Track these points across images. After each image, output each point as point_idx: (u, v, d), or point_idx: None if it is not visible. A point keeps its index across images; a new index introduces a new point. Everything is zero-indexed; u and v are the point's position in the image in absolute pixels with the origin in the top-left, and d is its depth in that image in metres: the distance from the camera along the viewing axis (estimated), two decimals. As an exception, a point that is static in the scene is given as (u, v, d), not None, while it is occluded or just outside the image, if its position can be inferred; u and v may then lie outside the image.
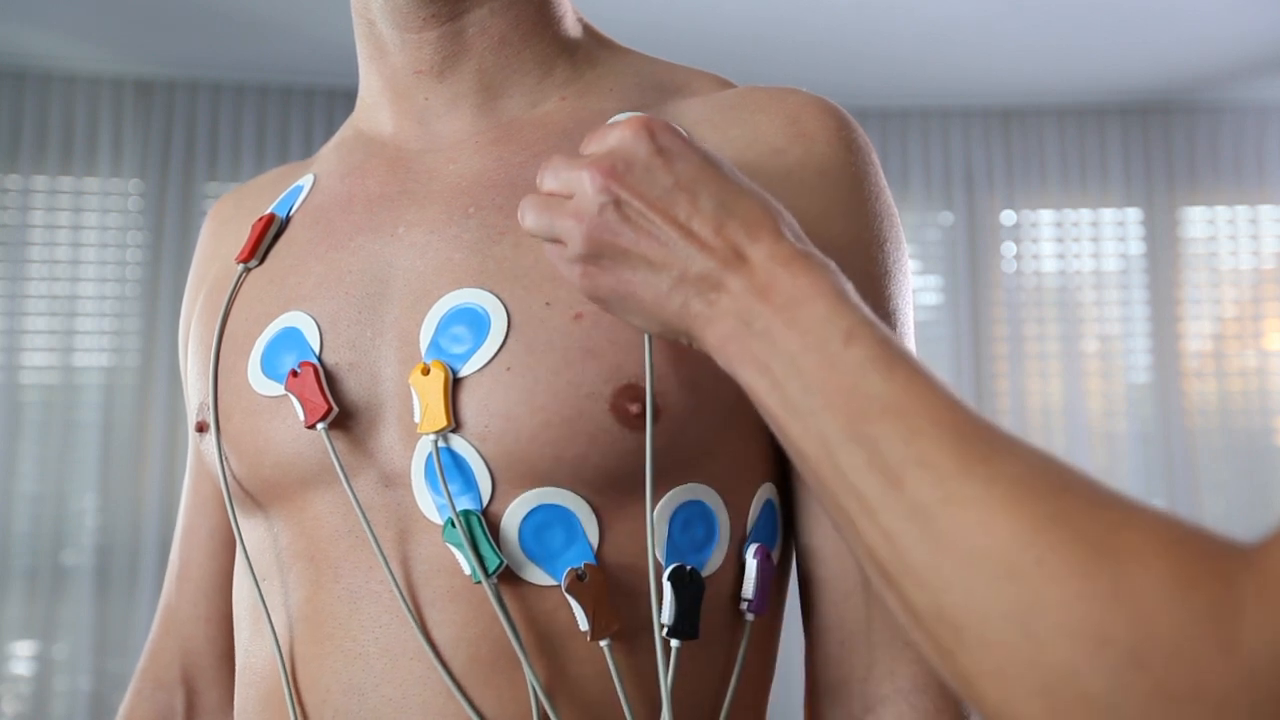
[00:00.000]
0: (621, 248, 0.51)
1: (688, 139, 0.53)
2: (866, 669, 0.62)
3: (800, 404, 0.46)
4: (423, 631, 0.57)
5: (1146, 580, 0.37)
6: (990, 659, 0.39)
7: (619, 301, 0.52)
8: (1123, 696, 0.36)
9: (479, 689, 0.56)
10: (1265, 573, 0.35)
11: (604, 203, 0.51)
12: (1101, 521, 0.39)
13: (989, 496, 0.41)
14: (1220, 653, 0.35)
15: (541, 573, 0.57)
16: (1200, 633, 0.35)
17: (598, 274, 0.52)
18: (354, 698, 0.58)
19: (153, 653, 0.77)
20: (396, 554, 0.58)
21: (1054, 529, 0.39)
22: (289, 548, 0.62)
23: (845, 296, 0.48)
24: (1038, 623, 0.38)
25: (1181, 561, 0.37)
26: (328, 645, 0.59)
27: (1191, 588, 0.36)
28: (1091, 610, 0.37)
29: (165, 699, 0.75)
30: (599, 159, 0.52)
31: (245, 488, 0.64)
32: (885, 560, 0.44)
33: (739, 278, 0.49)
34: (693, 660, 0.59)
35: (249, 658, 0.64)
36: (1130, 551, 0.37)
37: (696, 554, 0.60)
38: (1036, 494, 0.40)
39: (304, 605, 0.60)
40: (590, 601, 0.57)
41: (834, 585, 0.63)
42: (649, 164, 0.51)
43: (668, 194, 0.50)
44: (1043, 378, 3.51)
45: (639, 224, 0.50)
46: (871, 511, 0.44)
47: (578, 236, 0.52)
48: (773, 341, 0.47)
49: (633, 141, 0.51)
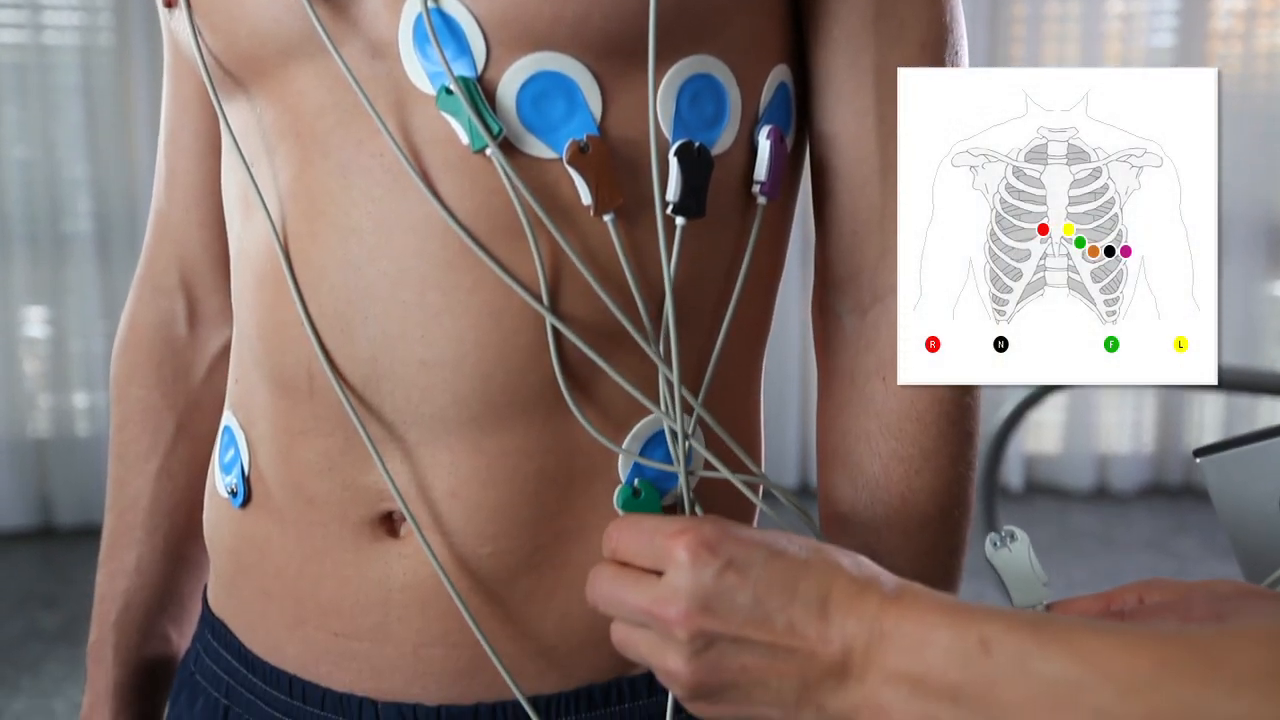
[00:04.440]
0: (730, 681, 0.49)
1: (737, 531, 0.50)
2: (878, 258, 0.61)
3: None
4: (433, 194, 0.54)
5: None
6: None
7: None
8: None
9: (477, 263, 0.55)
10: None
11: (697, 649, 0.49)
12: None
13: (1242, 706, 0.39)
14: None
15: (541, 144, 0.55)
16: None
17: (714, 707, 0.50)
18: (350, 273, 0.56)
19: (149, 259, 0.75)
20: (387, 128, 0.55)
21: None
22: (273, 126, 0.58)
23: (943, 605, 0.46)
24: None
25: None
26: (320, 223, 0.57)
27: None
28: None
29: (166, 304, 0.75)
30: (670, 601, 0.49)
31: (224, 65, 0.60)
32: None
33: (861, 658, 0.46)
34: (699, 241, 0.58)
35: (242, 243, 0.63)
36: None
37: (706, 131, 0.57)
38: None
39: (293, 183, 0.58)
40: (593, 174, 0.54)
41: (850, 173, 0.61)
42: (722, 589, 0.48)
43: (755, 611, 0.48)
44: (1060, 42, 3.36)
45: (740, 653, 0.48)
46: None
47: (679, 683, 0.50)
48: (923, 696, 0.45)
49: (695, 573, 0.48)
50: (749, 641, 0.48)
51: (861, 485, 0.61)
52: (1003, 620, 0.44)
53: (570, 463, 0.58)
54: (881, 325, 0.61)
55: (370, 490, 0.59)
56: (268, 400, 0.61)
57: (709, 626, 0.48)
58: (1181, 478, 3.52)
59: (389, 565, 0.59)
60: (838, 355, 0.64)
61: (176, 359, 0.75)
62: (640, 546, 0.51)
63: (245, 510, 0.64)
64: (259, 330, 0.61)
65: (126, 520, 0.75)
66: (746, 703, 0.49)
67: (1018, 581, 0.55)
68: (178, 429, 0.74)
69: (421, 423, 0.57)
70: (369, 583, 0.60)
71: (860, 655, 0.46)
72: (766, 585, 0.48)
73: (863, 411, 0.61)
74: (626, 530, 0.52)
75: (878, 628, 0.46)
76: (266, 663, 0.64)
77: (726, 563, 0.48)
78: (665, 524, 0.51)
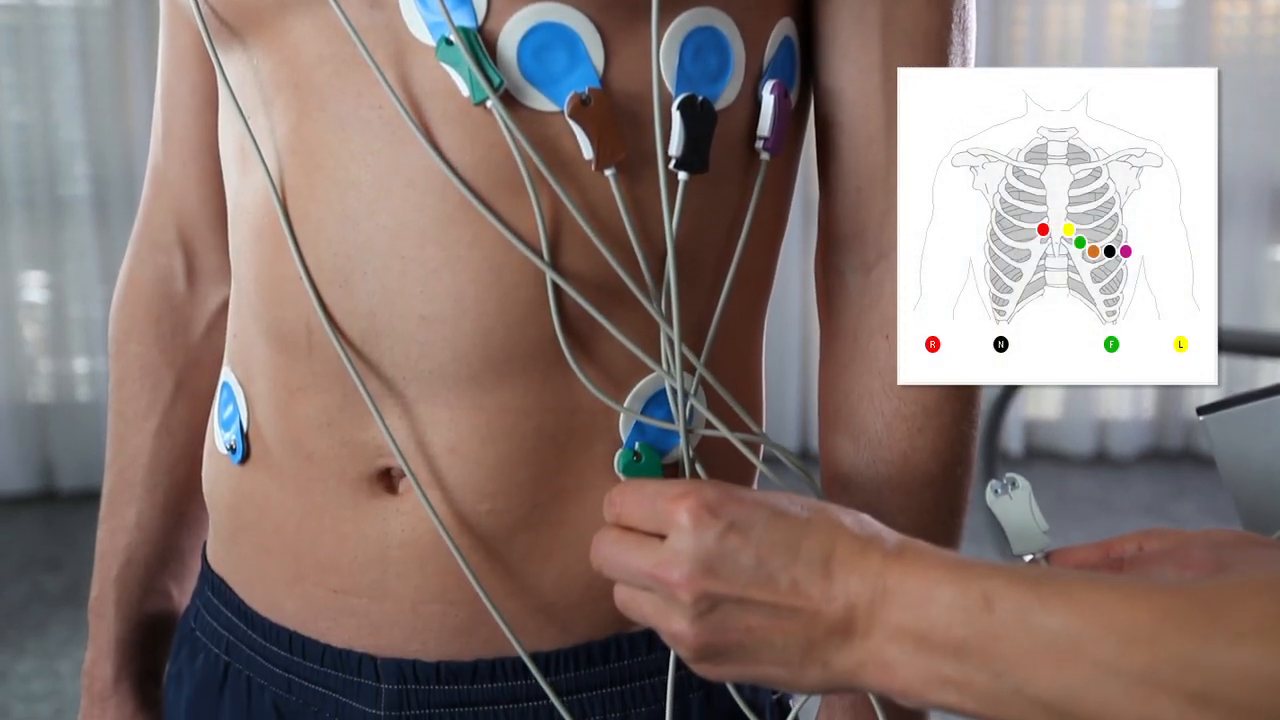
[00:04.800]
0: (735, 642, 0.49)
1: (739, 493, 0.50)
2: (883, 214, 0.60)
3: (998, 691, 0.43)
4: (433, 147, 0.54)
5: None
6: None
7: (752, 681, 0.50)
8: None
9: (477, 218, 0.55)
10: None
11: (700, 611, 0.48)
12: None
13: (1243, 655, 0.39)
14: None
15: (542, 97, 0.54)
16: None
17: (720, 668, 0.50)
18: (348, 227, 0.56)
19: (146, 215, 0.75)
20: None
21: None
22: (270, 78, 0.58)
23: (946, 561, 0.46)
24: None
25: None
26: (317, 176, 0.56)
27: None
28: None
29: (164, 261, 0.74)
30: (673, 565, 0.49)
31: (220, 16, 0.59)
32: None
33: (865, 615, 0.46)
34: (703, 197, 0.57)
35: (239, 197, 0.62)
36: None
37: (709, 85, 0.56)
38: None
39: (290, 136, 0.57)
40: (595, 127, 0.54)
41: (855, 129, 0.60)
42: (724, 551, 0.48)
43: (757, 572, 0.48)
44: (1063, 3, 3.33)
45: (743, 614, 0.48)
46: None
47: (684, 645, 0.50)
48: (928, 652, 0.45)
49: (697, 536, 0.48)
50: (752, 602, 0.48)
51: (864, 444, 0.61)
52: (1005, 575, 0.44)
53: (570, 421, 0.58)
54: (885, 283, 0.60)
55: (369, 446, 0.59)
56: (266, 356, 0.61)
57: (712, 588, 0.48)
58: (1181, 443, 3.53)
59: (387, 522, 0.59)
60: (841, 314, 0.63)
61: (175, 315, 0.74)
62: (642, 511, 0.51)
63: (244, 467, 0.64)
64: (257, 285, 0.60)
65: (126, 477, 0.75)
66: (752, 663, 0.49)
67: (1018, 530, 0.55)
68: (177, 386, 0.74)
69: (420, 379, 0.57)
70: (367, 539, 0.59)
71: (864, 612, 0.46)
72: (769, 546, 0.48)
73: (866, 370, 0.61)
74: (628, 494, 0.52)
75: (881, 584, 0.46)
76: (266, 619, 0.64)
77: (728, 525, 0.48)
78: (666, 488, 0.50)
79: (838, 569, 0.47)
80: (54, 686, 2.26)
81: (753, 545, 0.48)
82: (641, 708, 0.62)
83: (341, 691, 0.62)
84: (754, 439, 0.58)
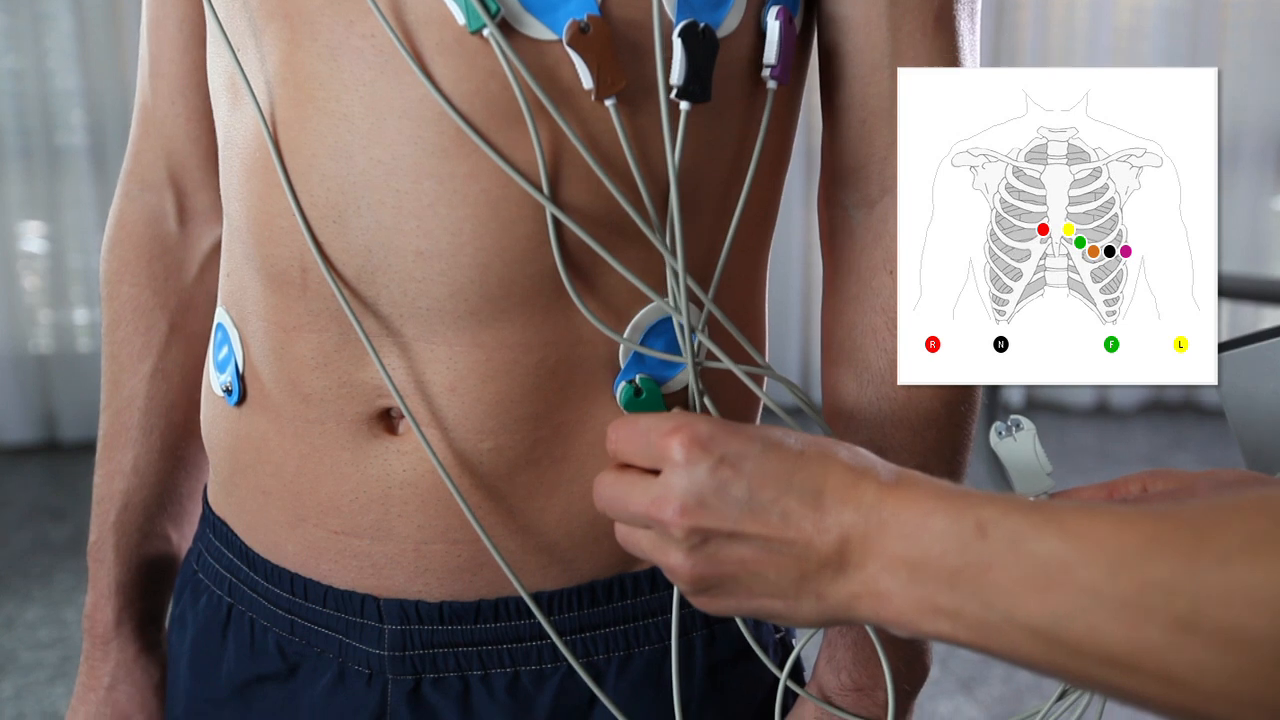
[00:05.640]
0: (729, 574, 0.49)
1: (732, 426, 0.49)
2: (887, 148, 0.59)
3: (989, 619, 0.43)
4: (427, 78, 0.52)
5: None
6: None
7: (750, 615, 0.49)
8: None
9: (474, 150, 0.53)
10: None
11: (693, 545, 0.49)
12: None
13: (1231, 575, 0.38)
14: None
15: (540, 25, 0.52)
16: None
17: (716, 601, 0.51)
18: (341, 161, 0.55)
19: (135, 154, 0.73)
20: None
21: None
22: (260, 7, 0.56)
23: (940, 490, 0.45)
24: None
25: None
26: (309, 108, 0.55)
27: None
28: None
29: (154, 200, 0.73)
30: (666, 500, 0.49)
31: (206, -56, 0.57)
32: (1178, 698, 0.40)
33: (859, 546, 0.46)
34: (708, 129, 0.56)
35: (230, 132, 0.61)
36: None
37: (710, 12, 0.54)
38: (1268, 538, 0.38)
39: (281, 67, 0.56)
40: (594, 56, 0.52)
41: (860, 58, 0.59)
42: (716, 485, 0.48)
43: (749, 504, 0.48)
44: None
45: (736, 547, 0.48)
46: (1134, 667, 0.40)
47: (680, 578, 0.50)
48: (922, 581, 0.44)
49: (689, 471, 0.48)
50: (744, 535, 0.48)
51: (867, 381, 0.60)
52: (999, 504, 0.44)
53: (570, 356, 0.57)
54: (889, 218, 0.59)
55: (367, 386, 0.58)
56: (260, 295, 0.60)
57: (704, 523, 0.48)
58: (1182, 394, 3.52)
59: (388, 462, 0.59)
60: (844, 249, 0.62)
61: (167, 256, 0.73)
62: (637, 447, 0.51)
63: (241, 409, 0.63)
64: (249, 222, 0.59)
65: (122, 421, 0.74)
66: (746, 595, 0.49)
67: (1021, 471, 0.54)
68: (170, 329, 0.73)
69: (418, 316, 0.56)
70: (368, 480, 0.59)
71: (858, 544, 0.46)
72: (760, 478, 0.48)
73: (870, 306, 0.60)
74: (622, 430, 0.52)
75: (876, 516, 0.45)
76: (268, 561, 0.64)
77: (720, 458, 0.48)
78: (659, 422, 0.50)
79: (830, 501, 0.47)
80: (60, 634, 2.28)
81: (744, 478, 0.48)
82: (645, 646, 0.62)
83: (344, 633, 0.62)
84: (759, 371, 0.58)
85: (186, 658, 0.69)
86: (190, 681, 0.69)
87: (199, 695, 0.69)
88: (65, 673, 2.15)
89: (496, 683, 0.61)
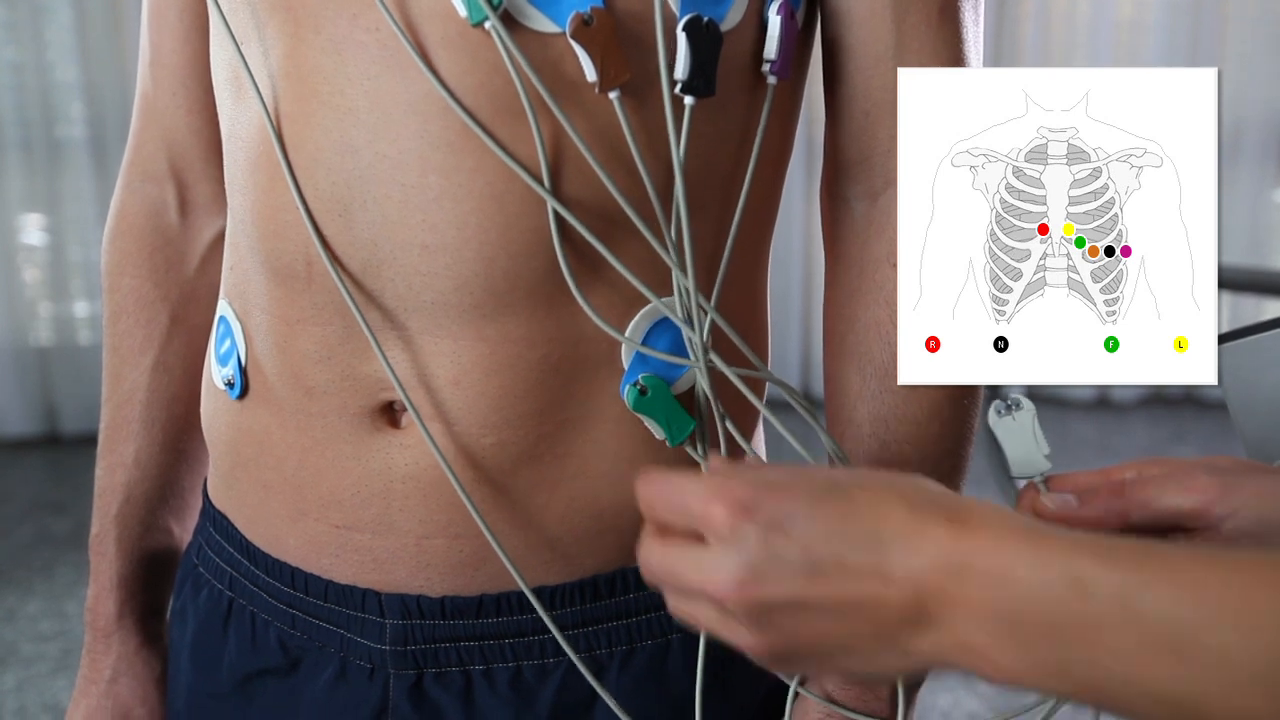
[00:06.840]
0: (801, 643, 0.45)
1: (768, 480, 0.45)
2: (890, 140, 0.59)
3: (1105, 683, 0.39)
4: (431, 72, 0.52)
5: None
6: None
7: (839, 674, 0.47)
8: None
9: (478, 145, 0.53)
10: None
11: (757, 620, 0.45)
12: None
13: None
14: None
15: (544, 18, 0.52)
16: None
17: (797, 667, 0.49)
18: (347, 156, 0.54)
19: (137, 145, 0.73)
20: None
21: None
22: (263, 1, 0.56)
23: (1017, 529, 0.41)
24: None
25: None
26: (313, 102, 0.55)
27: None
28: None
29: (155, 191, 0.73)
30: (719, 578, 0.44)
31: (208, -64, 0.57)
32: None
33: (937, 597, 0.42)
34: (711, 123, 0.56)
35: (234, 126, 0.60)
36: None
37: (714, 7, 0.54)
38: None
39: (285, 61, 0.55)
40: (598, 49, 0.52)
41: (864, 51, 0.59)
42: (769, 554, 0.44)
43: (807, 569, 0.43)
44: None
45: (803, 616, 0.44)
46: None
47: (754, 655, 0.46)
48: (1019, 639, 0.40)
49: (738, 544, 0.44)
50: (808, 602, 0.44)
51: (870, 374, 0.60)
52: (1089, 551, 0.40)
53: (574, 351, 0.57)
54: (892, 210, 0.59)
55: (370, 379, 0.58)
56: (264, 288, 0.60)
57: (763, 596, 0.44)
58: (1182, 389, 3.52)
59: (390, 456, 0.59)
60: (847, 242, 0.62)
61: (169, 248, 0.73)
62: (674, 512, 0.47)
63: (243, 402, 0.63)
64: (254, 216, 0.59)
65: (123, 414, 0.74)
66: (828, 660, 0.46)
67: (1019, 451, 0.54)
68: (172, 321, 0.73)
69: (422, 309, 0.56)
70: (370, 474, 0.59)
71: (935, 594, 0.42)
72: (812, 538, 0.44)
73: (873, 299, 0.60)
74: (654, 491, 0.48)
75: (950, 562, 0.41)
76: (268, 555, 0.64)
77: (767, 524, 0.44)
78: (693, 486, 0.46)
79: (894, 548, 0.42)
80: (61, 627, 2.28)
81: (796, 541, 0.44)
82: (647, 641, 0.62)
83: (346, 627, 0.62)
84: (759, 376, 0.57)
85: (188, 651, 0.70)
86: (191, 675, 0.69)
87: (200, 689, 0.69)
88: (67, 665, 2.15)
89: (499, 677, 0.61)
